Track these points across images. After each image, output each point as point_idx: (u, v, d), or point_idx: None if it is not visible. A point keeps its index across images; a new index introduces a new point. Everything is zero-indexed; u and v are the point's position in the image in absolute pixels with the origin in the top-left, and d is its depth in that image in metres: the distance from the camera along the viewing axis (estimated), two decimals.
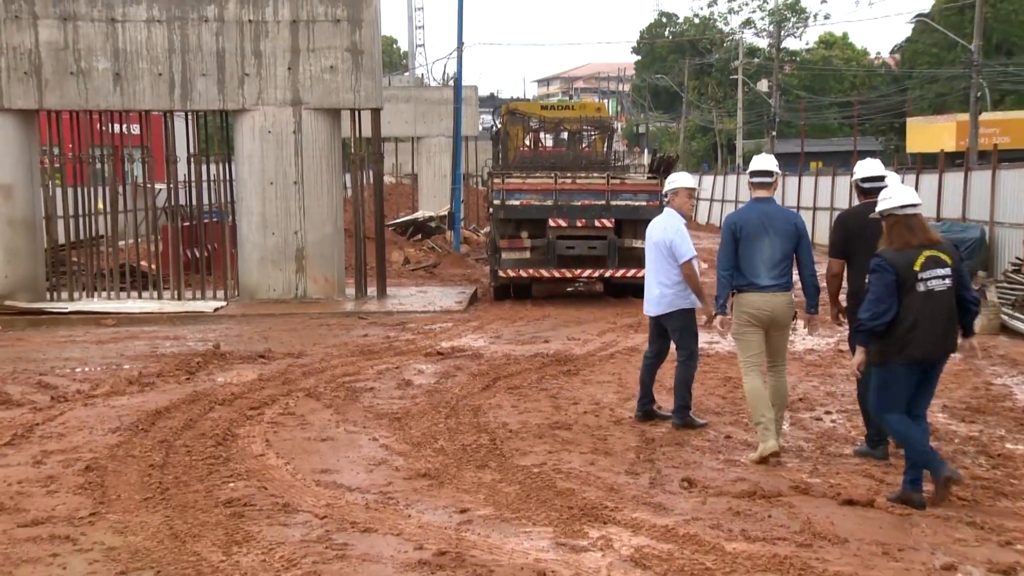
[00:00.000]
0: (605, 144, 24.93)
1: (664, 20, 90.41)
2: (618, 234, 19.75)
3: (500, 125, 24.65)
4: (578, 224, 20.00)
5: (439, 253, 29.15)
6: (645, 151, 44.66)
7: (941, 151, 31.55)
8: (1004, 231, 22.91)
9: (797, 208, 35.91)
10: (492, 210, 21.27)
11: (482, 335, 16.35)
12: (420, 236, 31.02)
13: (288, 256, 19.89)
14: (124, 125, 22.76)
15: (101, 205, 21.51)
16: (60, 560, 6.57)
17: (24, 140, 19.70)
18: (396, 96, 41.56)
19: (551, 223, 19.96)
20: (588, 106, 27.87)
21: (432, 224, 31.91)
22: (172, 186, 20.89)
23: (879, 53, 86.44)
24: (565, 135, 25.46)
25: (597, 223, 19.95)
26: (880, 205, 7.67)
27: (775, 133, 60.07)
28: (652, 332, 10.47)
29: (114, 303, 19.79)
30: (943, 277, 7.40)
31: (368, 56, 19.66)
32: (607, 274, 20.21)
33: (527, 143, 24.79)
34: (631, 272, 19.12)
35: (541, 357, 14.03)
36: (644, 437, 9.59)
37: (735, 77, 67.42)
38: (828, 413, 10.59)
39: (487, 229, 28.04)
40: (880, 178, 8.63)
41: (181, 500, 7.70)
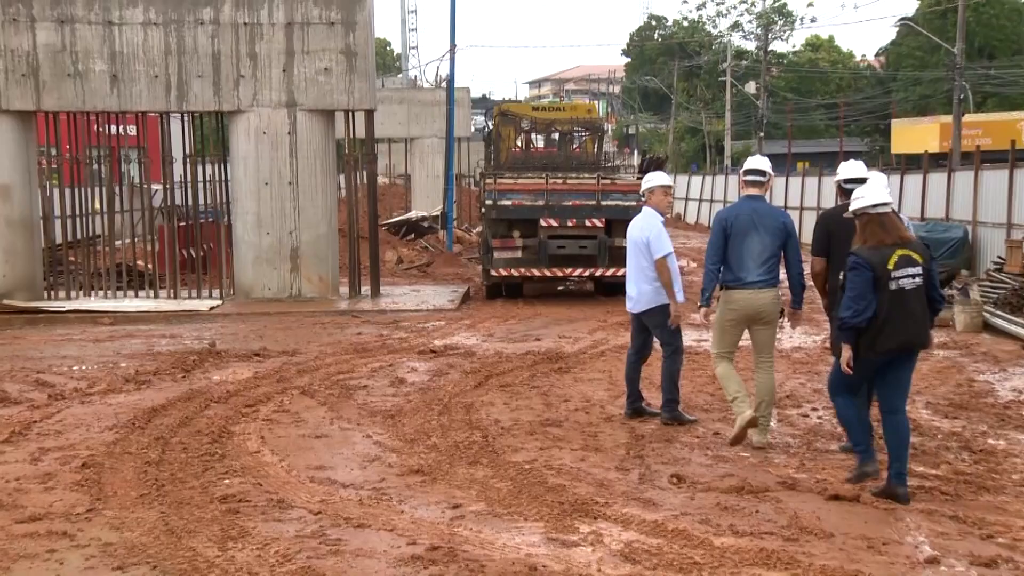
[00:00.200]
0: (596, 145, 24.95)
1: (653, 23, 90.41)
2: (608, 234, 19.80)
3: (492, 126, 24.68)
4: (569, 224, 20.09)
5: (432, 253, 29.17)
6: (635, 152, 44.70)
7: (925, 152, 31.66)
8: (986, 231, 23.06)
9: (784, 208, 36.04)
10: (484, 210, 21.32)
11: (474, 333, 16.42)
12: (413, 236, 31.07)
13: (283, 255, 19.97)
14: (121, 126, 22.78)
15: (98, 205, 21.56)
16: (57, 556, 6.57)
17: (22, 141, 19.76)
18: (390, 98, 41.65)
19: (542, 223, 20.05)
20: (579, 107, 27.89)
21: (425, 224, 31.97)
22: (168, 186, 20.95)
23: (864, 56, 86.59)
24: (556, 136, 25.47)
25: (588, 223, 20.03)
26: (853, 204, 7.79)
27: (763, 134, 60.39)
28: (633, 329, 10.56)
29: (111, 302, 19.83)
30: (913, 276, 7.52)
31: (362, 58, 19.74)
32: (597, 273, 20.33)
33: (519, 144, 24.79)
34: (621, 271, 19.03)
35: (532, 355, 14.08)
36: (634, 434, 9.65)
37: (723, 79, 67.49)
38: (815, 410, 10.63)
39: (479, 229, 28.06)
40: (862, 180, 8.74)
41: (177, 496, 7.72)
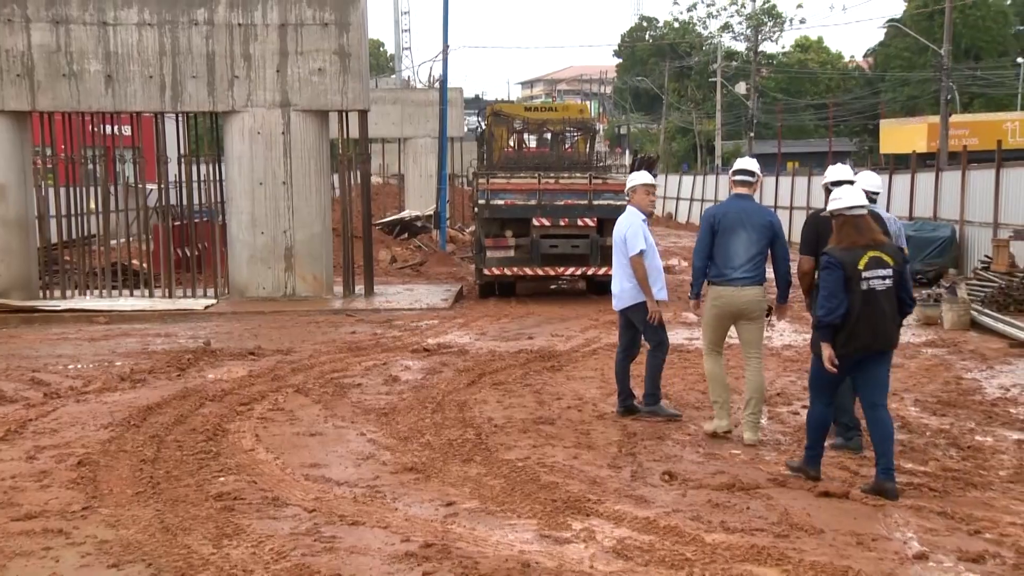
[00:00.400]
0: (587, 145, 25.00)
1: (645, 24, 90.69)
2: (600, 233, 19.85)
3: (485, 126, 24.70)
4: (561, 223, 20.16)
5: (425, 252, 29.18)
6: (626, 152, 44.78)
7: (913, 152, 31.83)
8: (974, 230, 23.19)
9: (774, 207, 36.14)
10: (477, 209, 21.38)
11: (467, 332, 16.47)
12: (407, 235, 31.08)
13: (277, 255, 20.01)
14: (116, 126, 22.82)
15: (93, 205, 21.59)
16: (53, 553, 6.59)
17: (17, 141, 19.79)
18: (383, 98, 41.63)
19: (535, 222, 20.11)
20: (571, 108, 27.93)
21: (418, 223, 31.97)
22: (163, 186, 20.95)
23: (853, 57, 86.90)
24: (548, 136, 25.49)
25: (580, 222, 20.12)
26: (831, 205, 7.96)
27: (753, 134, 60.60)
28: (620, 327, 10.63)
29: (106, 301, 19.85)
30: (884, 277, 7.67)
31: (355, 59, 19.78)
32: (589, 272, 20.40)
33: (511, 144, 24.83)
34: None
35: (525, 353, 14.16)
36: (626, 431, 9.70)
37: (714, 80, 67.59)
38: (805, 407, 10.52)
39: (472, 228, 28.12)
40: (849, 182, 8.91)
41: (172, 494, 7.75)
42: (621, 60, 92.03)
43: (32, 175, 20.41)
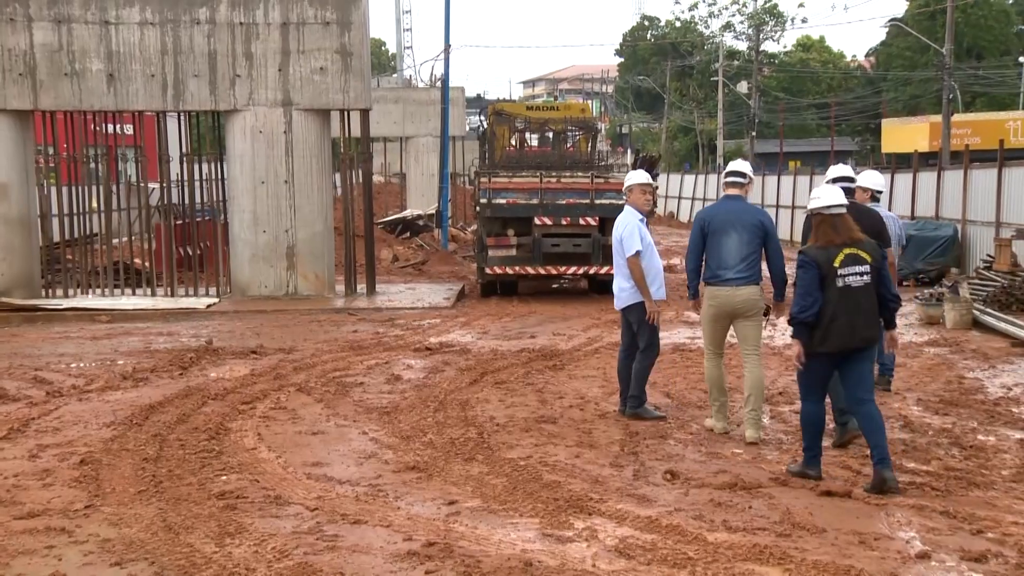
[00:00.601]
0: (589, 144, 25.02)
1: (646, 23, 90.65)
2: (602, 232, 19.83)
3: (487, 125, 24.73)
4: (563, 222, 20.18)
5: (427, 251, 29.20)
6: (628, 151, 44.70)
7: (915, 151, 31.83)
8: (976, 229, 23.18)
9: (776, 206, 36.13)
10: (479, 208, 21.38)
11: (470, 331, 16.47)
12: (408, 234, 31.09)
13: (279, 254, 20.02)
14: (118, 125, 22.85)
15: (95, 204, 21.61)
16: (56, 552, 6.59)
17: (19, 140, 19.81)
18: (385, 97, 41.68)
19: (537, 221, 20.13)
20: (573, 107, 27.98)
21: (420, 222, 31.97)
22: (165, 185, 20.99)
23: (855, 56, 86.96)
24: (550, 135, 25.51)
25: (582, 221, 20.14)
26: (810, 204, 8.06)
27: (755, 133, 60.60)
28: (622, 326, 10.63)
29: (108, 300, 19.88)
30: (861, 274, 7.73)
31: (357, 58, 19.80)
32: (591, 271, 20.40)
33: (513, 143, 24.84)
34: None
35: (527, 352, 14.16)
36: (628, 430, 9.70)
37: (715, 79, 67.46)
38: None
39: (474, 227, 28.13)
40: (850, 179, 8.95)
41: (174, 493, 7.75)
42: (623, 59, 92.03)
43: (34, 174, 20.48)
